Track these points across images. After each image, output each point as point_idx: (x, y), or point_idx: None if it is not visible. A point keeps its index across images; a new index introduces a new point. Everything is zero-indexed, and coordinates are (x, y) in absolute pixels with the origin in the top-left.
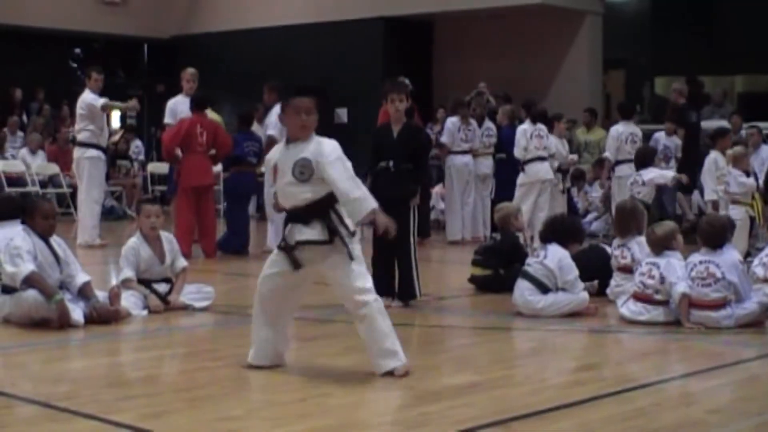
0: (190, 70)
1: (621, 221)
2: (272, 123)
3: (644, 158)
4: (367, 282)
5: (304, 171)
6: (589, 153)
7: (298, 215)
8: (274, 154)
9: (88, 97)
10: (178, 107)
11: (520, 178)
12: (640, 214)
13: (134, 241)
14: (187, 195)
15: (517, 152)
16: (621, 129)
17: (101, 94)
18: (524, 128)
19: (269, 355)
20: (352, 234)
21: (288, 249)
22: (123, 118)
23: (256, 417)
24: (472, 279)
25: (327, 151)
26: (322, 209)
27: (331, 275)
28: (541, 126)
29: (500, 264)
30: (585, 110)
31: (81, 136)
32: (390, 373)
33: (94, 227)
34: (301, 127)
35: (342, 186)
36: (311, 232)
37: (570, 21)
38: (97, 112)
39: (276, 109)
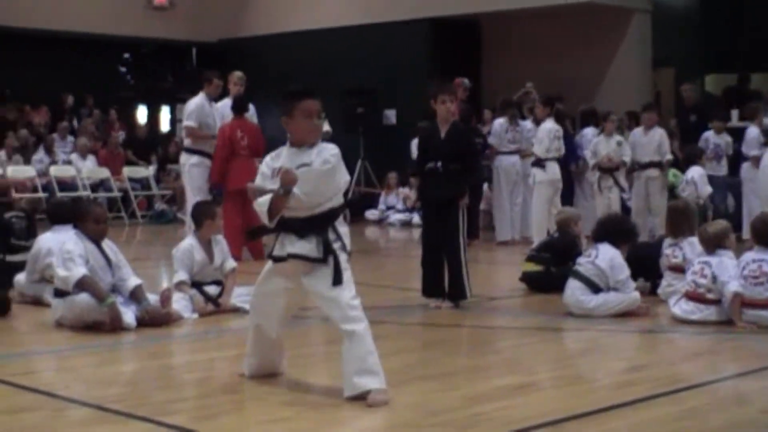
0: (237, 74)
1: (673, 221)
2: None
3: (690, 158)
4: (356, 297)
5: None
6: None
7: (293, 226)
8: (276, 160)
9: (193, 100)
10: (227, 110)
11: (539, 176)
12: (692, 214)
13: (189, 243)
14: (234, 198)
15: (540, 150)
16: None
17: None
18: (549, 127)
19: (266, 366)
20: (348, 253)
21: (275, 260)
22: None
23: (308, 419)
24: (524, 276)
25: (326, 157)
26: (322, 224)
27: (319, 289)
28: (559, 127)
29: (554, 261)
30: (625, 113)
31: (187, 142)
32: (362, 397)
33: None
34: (312, 132)
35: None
36: (305, 247)
37: (618, 19)
38: (206, 118)
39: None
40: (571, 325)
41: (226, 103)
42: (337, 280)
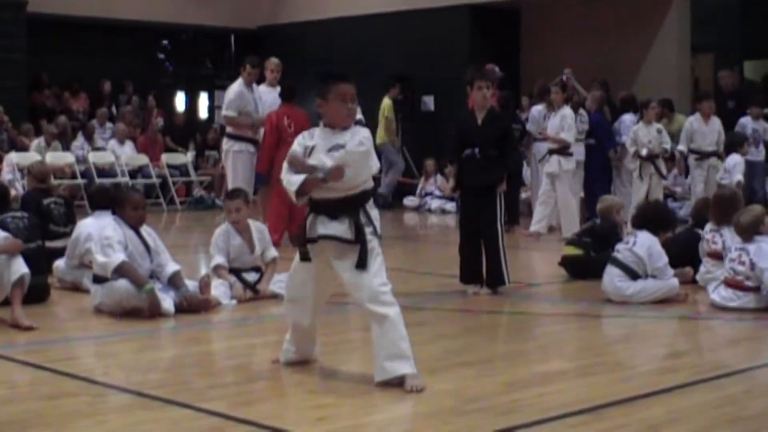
0: (274, 60)
1: (719, 208)
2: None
3: (732, 144)
4: (387, 283)
5: None
6: (676, 143)
7: (326, 207)
8: (309, 139)
9: (232, 87)
10: (264, 96)
11: (566, 164)
12: (738, 202)
13: (224, 228)
14: (281, 185)
15: (570, 137)
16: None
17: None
18: (569, 113)
19: (301, 353)
20: (379, 237)
21: (302, 241)
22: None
23: (347, 404)
24: (564, 259)
25: (360, 139)
26: (354, 206)
27: (348, 272)
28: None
29: (594, 246)
30: (659, 102)
31: (230, 129)
32: (393, 383)
33: None
34: (348, 116)
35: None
36: (338, 228)
37: (657, 5)
38: (246, 106)
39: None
40: (609, 312)
41: (262, 89)
42: (361, 264)
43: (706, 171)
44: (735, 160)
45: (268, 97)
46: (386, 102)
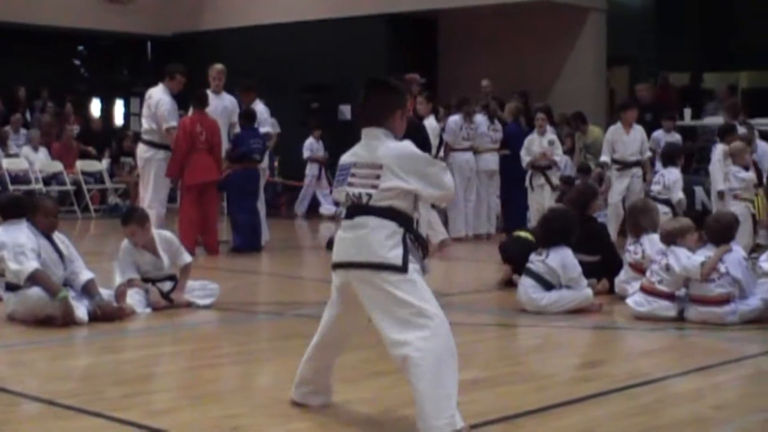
0: (218, 67)
1: (634, 219)
2: (266, 120)
3: (666, 157)
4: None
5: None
6: (592, 155)
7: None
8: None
9: (163, 97)
10: (211, 103)
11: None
12: (652, 212)
13: (126, 245)
14: (192, 192)
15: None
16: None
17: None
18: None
19: (318, 391)
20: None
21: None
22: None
23: (262, 414)
24: (511, 240)
25: None
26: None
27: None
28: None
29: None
30: (572, 115)
31: (148, 136)
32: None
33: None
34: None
35: None
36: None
37: (574, 17)
38: (175, 113)
39: (262, 107)
40: (525, 322)
41: (226, 97)
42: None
43: (628, 181)
44: (675, 176)
45: (213, 103)
46: None
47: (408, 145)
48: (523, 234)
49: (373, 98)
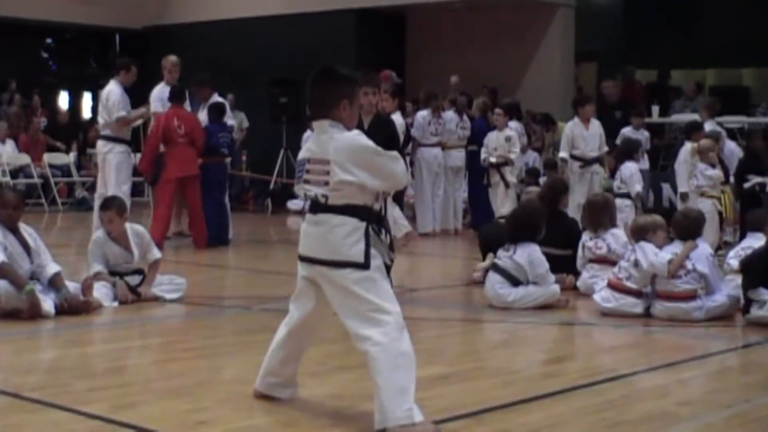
0: (172, 59)
1: (592, 215)
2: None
3: (623, 153)
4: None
5: None
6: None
7: None
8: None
9: (114, 89)
10: (163, 95)
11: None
12: (612, 207)
13: (98, 236)
14: (170, 186)
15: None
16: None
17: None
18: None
19: (285, 384)
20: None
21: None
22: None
23: (227, 408)
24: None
25: None
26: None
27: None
28: None
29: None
30: (541, 118)
31: (105, 131)
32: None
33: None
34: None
35: None
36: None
37: (542, 13)
38: (127, 106)
39: (221, 101)
40: (491, 317)
41: (160, 88)
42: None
43: (589, 180)
44: (631, 170)
45: (166, 96)
46: None
47: (354, 136)
48: (502, 221)
49: (317, 88)
